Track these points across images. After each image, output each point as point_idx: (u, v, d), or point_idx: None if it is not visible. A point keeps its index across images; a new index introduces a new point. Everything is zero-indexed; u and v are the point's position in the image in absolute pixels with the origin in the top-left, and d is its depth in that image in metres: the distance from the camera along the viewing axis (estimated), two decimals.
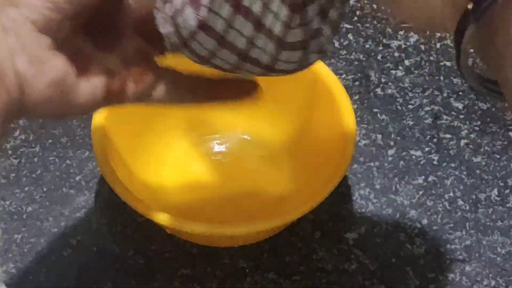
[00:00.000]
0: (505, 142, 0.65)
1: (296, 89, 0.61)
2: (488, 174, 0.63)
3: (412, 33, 0.71)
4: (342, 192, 0.61)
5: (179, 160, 0.63)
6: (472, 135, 0.65)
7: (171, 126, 0.63)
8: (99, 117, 0.57)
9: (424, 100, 0.67)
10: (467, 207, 0.61)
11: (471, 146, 0.64)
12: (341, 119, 0.58)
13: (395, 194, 0.62)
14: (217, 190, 0.62)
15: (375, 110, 0.66)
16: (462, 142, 0.64)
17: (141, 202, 0.53)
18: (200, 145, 0.64)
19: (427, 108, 0.66)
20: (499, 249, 0.60)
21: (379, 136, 0.65)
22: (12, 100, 0.39)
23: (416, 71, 0.68)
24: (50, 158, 0.63)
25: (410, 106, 0.66)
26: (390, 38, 0.71)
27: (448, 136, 0.65)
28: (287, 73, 0.45)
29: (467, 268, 0.59)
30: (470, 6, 0.36)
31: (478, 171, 0.63)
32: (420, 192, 0.62)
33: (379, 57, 0.69)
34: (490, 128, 0.65)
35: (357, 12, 0.72)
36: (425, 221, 0.61)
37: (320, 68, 0.60)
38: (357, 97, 0.67)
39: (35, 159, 0.63)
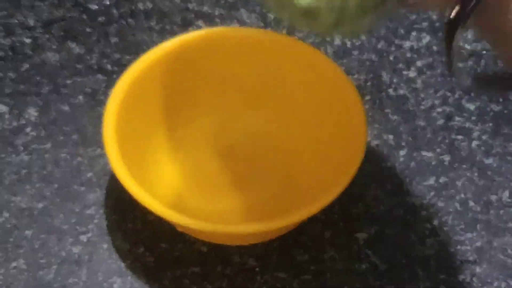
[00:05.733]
0: None
1: (307, 88, 0.61)
2: (500, 176, 0.63)
3: (424, 34, 0.70)
4: (353, 192, 0.61)
5: (190, 158, 0.63)
6: (484, 137, 0.65)
7: (182, 124, 0.63)
8: (111, 114, 0.57)
9: (436, 101, 0.66)
10: (478, 209, 0.61)
11: (483, 147, 0.64)
12: (353, 119, 0.57)
13: (406, 195, 0.62)
14: (228, 188, 0.62)
15: (387, 110, 0.66)
16: (474, 143, 0.64)
17: (152, 200, 0.53)
18: (212, 144, 0.64)
19: (439, 109, 0.66)
20: (509, 251, 0.59)
21: (391, 137, 0.65)
22: None
23: (428, 72, 0.68)
24: (61, 155, 0.63)
25: (422, 107, 0.66)
26: (402, 38, 0.71)
27: (460, 137, 0.65)
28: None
29: (478, 269, 0.59)
30: (453, 15, 0.37)
31: (489, 173, 0.63)
32: (431, 193, 0.62)
33: (391, 58, 0.69)
34: (502, 130, 0.65)
35: None
36: (436, 222, 0.61)
37: (332, 67, 0.60)
38: (368, 97, 0.67)
39: (46, 156, 0.63)
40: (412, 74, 0.68)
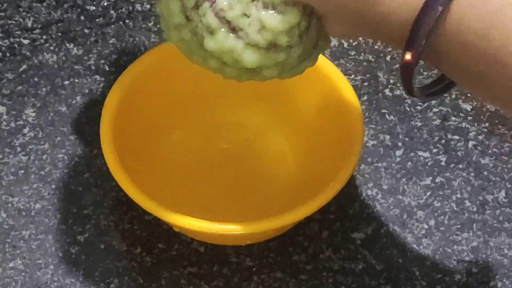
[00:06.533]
0: None
1: (304, 88, 0.61)
2: (496, 176, 0.63)
3: None
4: (349, 192, 0.61)
5: (188, 158, 0.63)
6: (480, 137, 0.65)
7: (180, 124, 0.63)
8: (108, 115, 0.57)
9: (433, 102, 0.67)
10: (475, 209, 0.61)
11: (479, 147, 0.64)
12: (349, 119, 0.58)
13: (402, 195, 0.62)
14: (225, 188, 0.62)
15: (384, 110, 0.66)
16: (470, 143, 0.64)
17: (149, 200, 0.54)
18: (209, 143, 0.64)
19: (436, 110, 0.66)
20: (506, 251, 0.60)
21: (387, 137, 0.65)
22: None
23: (425, 73, 0.68)
24: (59, 156, 0.63)
25: (419, 107, 0.66)
26: None
27: (456, 137, 0.65)
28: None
29: (474, 269, 0.59)
30: (408, 57, 0.41)
31: (485, 173, 0.63)
32: (428, 193, 0.62)
33: (388, 58, 0.69)
34: (498, 130, 0.65)
35: None
36: (432, 222, 0.61)
37: (329, 68, 0.60)
38: (365, 97, 0.67)
39: (44, 156, 0.63)
40: None
